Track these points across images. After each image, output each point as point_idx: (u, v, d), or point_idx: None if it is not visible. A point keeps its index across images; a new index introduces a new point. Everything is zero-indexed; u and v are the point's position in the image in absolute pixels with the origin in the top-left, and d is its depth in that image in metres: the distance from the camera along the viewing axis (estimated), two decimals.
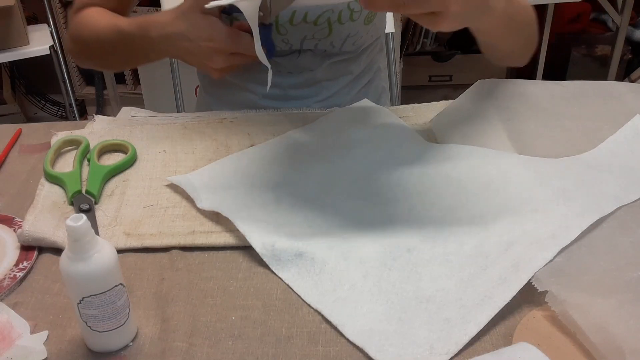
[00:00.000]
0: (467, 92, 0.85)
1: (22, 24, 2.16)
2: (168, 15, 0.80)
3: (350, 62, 0.95)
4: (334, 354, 0.53)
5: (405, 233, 0.63)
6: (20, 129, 0.88)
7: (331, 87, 0.95)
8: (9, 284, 0.61)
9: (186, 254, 0.65)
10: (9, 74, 2.64)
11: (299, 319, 0.57)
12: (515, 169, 0.68)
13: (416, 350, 0.52)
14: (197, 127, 0.85)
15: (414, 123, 0.83)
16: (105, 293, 0.51)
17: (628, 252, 0.59)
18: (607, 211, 0.62)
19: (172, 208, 0.70)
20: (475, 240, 0.61)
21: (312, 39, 0.88)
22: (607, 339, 0.50)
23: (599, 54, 2.44)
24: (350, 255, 0.61)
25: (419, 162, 0.73)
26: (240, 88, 0.96)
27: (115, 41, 0.87)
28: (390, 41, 1.19)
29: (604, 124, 0.77)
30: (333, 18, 0.85)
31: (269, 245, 0.62)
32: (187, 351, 0.54)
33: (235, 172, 0.74)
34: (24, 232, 0.65)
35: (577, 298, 0.53)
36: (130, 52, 0.87)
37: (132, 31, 0.84)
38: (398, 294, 0.57)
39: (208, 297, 0.59)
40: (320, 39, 0.88)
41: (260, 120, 0.86)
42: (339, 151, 0.77)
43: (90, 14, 0.91)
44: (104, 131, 0.85)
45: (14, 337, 0.55)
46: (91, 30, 0.90)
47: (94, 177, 0.74)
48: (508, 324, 0.54)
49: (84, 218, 0.49)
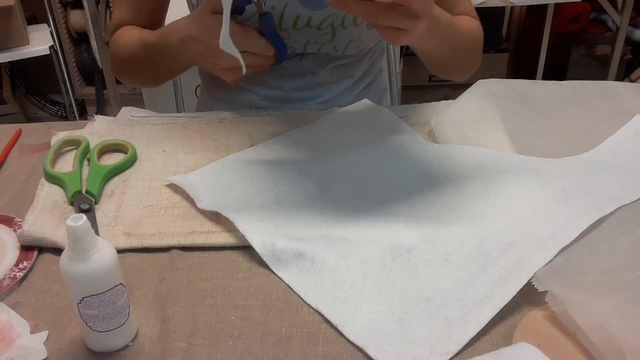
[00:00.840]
0: (467, 92, 0.85)
1: (22, 24, 2.16)
2: (185, 20, 0.81)
3: (353, 65, 0.95)
4: (334, 354, 0.53)
5: (405, 233, 0.63)
6: (20, 129, 0.88)
7: (333, 89, 0.96)
8: (9, 284, 0.61)
9: (186, 254, 0.65)
10: (9, 74, 2.64)
11: (299, 319, 0.57)
12: (515, 169, 0.68)
13: (416, 350, 0.52)
14: (197, 127, 0.85)
15: (414, 123, 0.83)
16: (105, 293, 0.51)
17: (628, 252, 0.59)
18: (607, 211, 0.62)
19: (172, 208, 0.70)
20: (475, 240, 0.61)
21: (315, 42, 0.88)
22: (607, 338, 0.50)
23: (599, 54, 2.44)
24: (350, 255, 0.61)
25: (419, 162, 0.73)
26: (241, 89, 0.96)
27: (144, 55, 0.89)
28: None
29: (604, 124, 0.77)
30: (336, 23, 0.85)
31: (269, 245, 0.62)
32: (187, 351, 0.54)
33: (235, 172, 0.74)
34: (24, 232, 0.65)
35: (577, 298, 0.53)
36: (157, 63, 0.89)
37: (156, 42, 0.85)
38: (398, 294, 0.57)
39: (208, 297, 0.59)
40: (324, 43, 0.88)
41: (260, 121, 0.86)
42: (338, 151, 0.77)
43: (124, 33, 0.93)
44: (104, 131, 0.85)
45: (14, 337, 0.55)
46: (125, 49, 0.92)
47: (94, 177, 0.74)
48: (508, 324, 0.54)
49: (84, 218, 0.49)
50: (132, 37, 0.91)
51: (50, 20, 2.37)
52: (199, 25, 0.78)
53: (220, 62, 0.78)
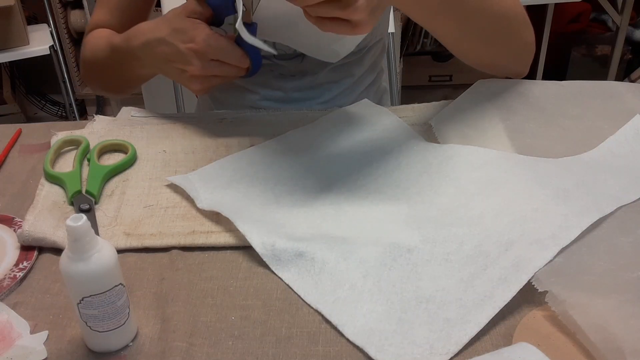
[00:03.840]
0: (467, 92, 0.85)
1: (22, 24, 2.16)
2: (153, 22, 0.76)
3: (353, 64, 0.95)
4: (334, 354, 0.53)
5: (405, 233, 0.63)
6: (20, 129, 0.88)
7: (333, 89, 0.96)
8: (9, 284, 0.61)
9: (186, 254, 0.65)
10: (9, 74, 2.64)
11: (299, 319, 0.57)
12: (515, 169, 0.68)
13: (416, 350, 0.52)
14: (197, 127, 0.85)
15: (414, 123, 0.83)
16: (105, 293, 0.51)
17: (628, 252, 0.59)
18: (607, 211, 0.62)
19: (172, 208, 0.70)
20: (475, 240, 0.61)
21: None
22: (607, 338, 0.50)
23: (599, 54, 2.44)
24: (350, 255, 0.61)
25: (419, 162, 0.73)
26: (242, 89, 0.96)
27: (109, 58, 0.83)
28: (390, 41, 1.19)
29: (604, 124, 0.77)
30: None
31: (269, 245, 0.62)
32: (187, 351, 0.54)
33: (235, 172, 0.74)
34: (24, 232, 0.65)
35: (577, 298, 0.53)
36: (120, 68, 0.83)
37: (120, 44, 0.80)
38: (398, 294, 0.57)
39: (208, 297, 0.59)
40: None
41: (260, 120, 0.86)
42: (339, 151, 0.77)
43: (95, 34, 0.89)
44: (104, 131, 0.85)
45: (14, 337, 0.55)
46: (91, 52, 0.88)
47: (94, 177, 0.74)
48: (508, 324, 0.54)
49: (84, 218, 0.49)
50: (100, 40, 0.86)
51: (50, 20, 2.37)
52: (169, 27, 0.73)
53: (190, 68, 0.72)
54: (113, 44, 0.82)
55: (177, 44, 0.72)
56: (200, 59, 0.71)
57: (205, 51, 0.71)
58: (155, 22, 0.76)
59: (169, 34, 0.73)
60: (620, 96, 0.84)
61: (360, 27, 0.60)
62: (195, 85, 0.75)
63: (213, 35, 0.71)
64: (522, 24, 0.77)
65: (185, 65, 0.73)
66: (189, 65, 0.72)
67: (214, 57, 0.72)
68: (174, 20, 0.73)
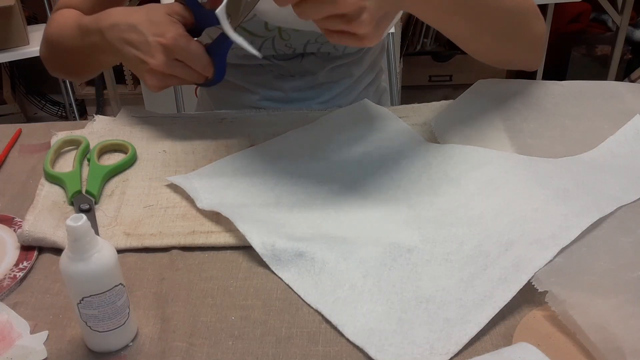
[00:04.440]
0: (467, 92, 0.85)
1: (22, 24, 2.15)
2: (129, 8, 0.75)
3: (353, 64, 0.95)
4: (334, 354, 0.53)
5: (405, 233, 0.63)
6: (20, 129, 0.88)
7: (333, 90, 0.96)
8: (9, 284, 0.61)
9: (186, 254, 0.65)
10: (9, 74, 2.64)
11: (299, 319, 0.57)
12: (515, 169, 0.68)
13: (416, 350, 0.52)
14: (197, 127, 0.85)
15: (414, 123, 0.83)
16: (105, 293, 0.51)
17: (628, 252, 0.59)
18: (607, 211, 0.62)
19: (172, 208, 0.70)
20: (475, 240, 0.61)
21: (315, 42, 0.88)
22: (607, 338, 0.50)
23: (599, 54, 2.44)
24: (350, 255, 0.61)
25: (419, 162, 0.73)
26: (241, 89, 0.96)
27: (73, 38, 0.81)
28: (390, 41, 1.19)
29: (604, 124, 0.77)
30: None
31: (269, 245, 0.62)
32: (187, 351, 0.54)
33: (235, 172, 0.74)
34: (24, 232, 0.65)
35: (577, 298, 0.53)
36: (83, 50, 0.81)
37: (88, 24, 0.78)
38: (398, 294, 0.57)
39: (208, 297, 0.59)
40: (323, 42, 0.88)
41: (260, 120, 0.86)
42: (339, 151, 0.77)
43: (63, 13, 0.86)
44: (104, 131, 0.85)
45: (14, 337, 0.55)
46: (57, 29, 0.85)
47: (94, 177, 0.74)
48: (508, 324, 0.54)
49: (84, 218, 0.49)
50: (68, 19, 0.84)
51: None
52: (144, 16, 0.71)
53: (152, 61, 0.70)
54: (81, 23, 0.79)
55: (146, 34, 0.70)
56: (165, 55, 0.70)
57: (172, 48, 0.69)
58: (132, 8, 0.74)
59: (141, 22, 0.71)
60: (620, 96, 0.84)
61: (366, 40, 0.61)
62: (152, 81, 0.73)
63: (185, 36, 0.70)
64: (533, 17, 0.76)
65: (148, 57, 0.71)
66: (152, 58, 0.70)
67: (179, 57, 0.70)
68: (152, 12, 0.72)
